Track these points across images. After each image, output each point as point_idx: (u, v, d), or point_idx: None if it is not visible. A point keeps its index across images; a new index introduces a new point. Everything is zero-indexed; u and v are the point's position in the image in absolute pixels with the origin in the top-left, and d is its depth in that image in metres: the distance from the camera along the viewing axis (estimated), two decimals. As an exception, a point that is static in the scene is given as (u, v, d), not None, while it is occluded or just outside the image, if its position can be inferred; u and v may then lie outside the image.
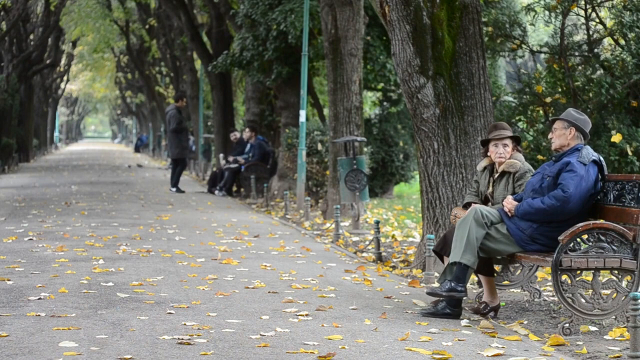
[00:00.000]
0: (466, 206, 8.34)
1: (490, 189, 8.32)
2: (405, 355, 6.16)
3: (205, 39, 32.41)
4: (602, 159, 7.68)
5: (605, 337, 6.99)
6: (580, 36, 12.91)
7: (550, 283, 8.84)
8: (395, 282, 9.66)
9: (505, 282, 8.57)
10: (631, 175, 7.39)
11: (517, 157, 8.27)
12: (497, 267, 8.38)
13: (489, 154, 8.36)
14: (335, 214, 13.81)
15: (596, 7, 12.35)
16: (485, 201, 8.35)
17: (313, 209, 18.41)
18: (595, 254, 7.09)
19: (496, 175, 8.30)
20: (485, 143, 8.43)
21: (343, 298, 8.38)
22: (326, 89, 23.71)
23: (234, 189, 22.91)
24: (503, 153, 8.23)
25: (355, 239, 13.91)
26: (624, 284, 7.15)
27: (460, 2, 10.08)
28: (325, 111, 24.82)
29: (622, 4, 12.05)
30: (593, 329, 7.24)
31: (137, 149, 64.47)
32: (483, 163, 8.45)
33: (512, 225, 7.67)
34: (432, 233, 9.98)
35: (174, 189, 23.27)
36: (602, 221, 7.30)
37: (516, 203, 7.73)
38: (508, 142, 8.26)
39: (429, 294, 7.80)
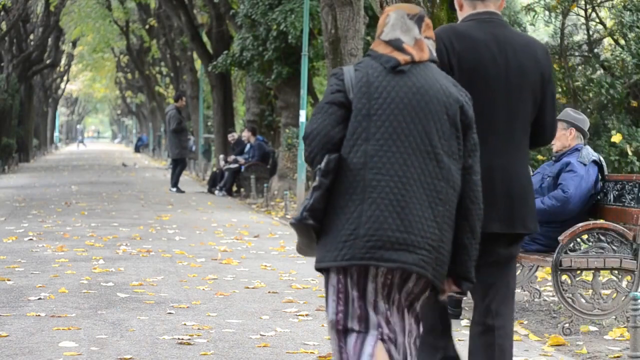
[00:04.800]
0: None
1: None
2: (405, 355, 6.16)
3: (205, 39, 32.42)
4: (602, 159, 7.68)
5: (605, 337, 6.99)
6: (580, 36, 12.92)
7: (550, 283, 8.83)
8: (395, 282, 9.64)
9: (506, 282, 8.55)
10: (631, 176, 7.39)
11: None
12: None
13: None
14: (335, 214, 13.78)
15: (596, 7, 12.36)
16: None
17: (313, 209, 18.37)
18: (595, 254, 7.09)
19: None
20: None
21: (343, 298, 8.37)
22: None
23: (234, 189, 22.90)
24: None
25: (355, 239, 13.89)
26: (624, 284, 7.15)
27: (460, 2, 10.08)
28: (325, 111, 24.77)
29: (622, 4, 12.06)
30: (593, 329, 7.24)
31: (137, 149, 64.48)
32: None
33: (512, 225, 7.65)
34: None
35: (174, 189, 23.27)
36: (602, 221, 7.30)
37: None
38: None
39: (428, 293, 7.79)
